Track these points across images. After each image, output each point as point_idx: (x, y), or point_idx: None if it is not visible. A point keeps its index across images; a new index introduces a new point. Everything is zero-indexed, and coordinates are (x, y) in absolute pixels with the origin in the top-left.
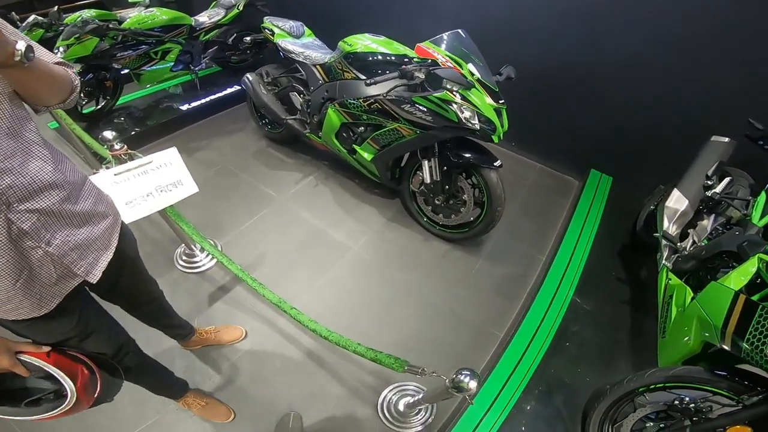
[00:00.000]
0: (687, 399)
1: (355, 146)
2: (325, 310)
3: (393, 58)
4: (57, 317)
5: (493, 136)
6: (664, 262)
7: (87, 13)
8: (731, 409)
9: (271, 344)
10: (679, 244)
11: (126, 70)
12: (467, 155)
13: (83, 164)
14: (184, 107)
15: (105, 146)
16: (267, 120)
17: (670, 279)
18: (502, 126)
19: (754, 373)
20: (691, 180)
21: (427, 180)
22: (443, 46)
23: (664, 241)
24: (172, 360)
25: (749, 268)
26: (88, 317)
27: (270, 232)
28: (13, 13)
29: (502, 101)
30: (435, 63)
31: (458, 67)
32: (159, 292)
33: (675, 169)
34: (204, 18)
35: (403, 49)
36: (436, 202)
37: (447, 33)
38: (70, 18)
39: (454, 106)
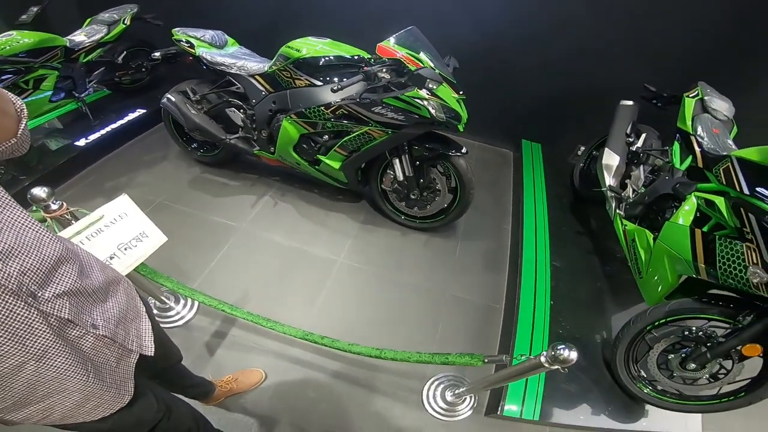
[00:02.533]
0: (693, 328)
1: (319, 156)
2: (334, 328)
3: (348, 60)
4: (138, 402)
5: (458, 126)
6: (616, 211)
7: None
8: (730, 330)
9: (295, 376)
10: (623, 193)
11: None
12: (437, 147)
13: None
14: (81, 143)
15: (36, 208)
16: (198, 143)
17: (626, 225)
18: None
19: (731, 296)
20: (615, 138)
21: (400, 177)
22: (403, 44)
23: (610, 194)
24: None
25: (690, 205)
26: (157, 392)
27: (244, 265)
28: None
29: (462, 92)
30: (398, 62)
31: (420, 63)
32: (179, 350)
33: (589, 129)
34: (81, 37)
35: (354, 50)
36: (412, 196)
37: (403, 31)
38: None
39: (425, 102)
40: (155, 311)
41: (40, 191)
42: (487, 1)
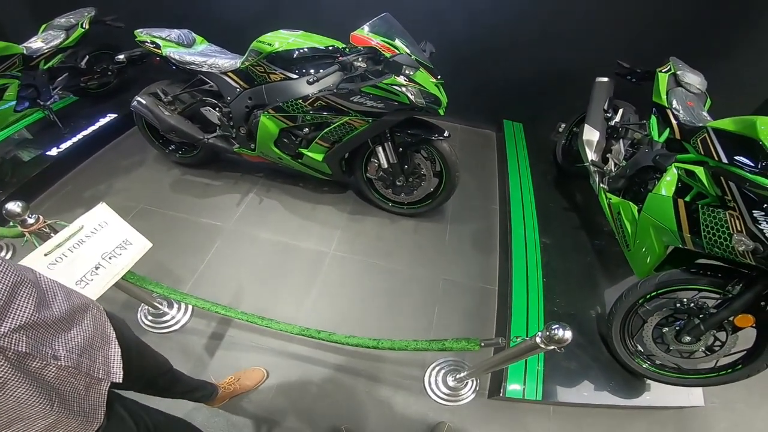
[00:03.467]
0: (685, 300)
1: (301, 150)
2: (329, 321)
3: (322, 51)
4: (112, 428)
5: (439, 110)
6: (600, 185)
7: None
8: (720, 300)
9: (297, 372)
10: (605, 167)
11: None
12: (419, 132)
13: None
14: (53, 152)
15: (13, 224)
16: (176, 145)
17: (611, 199)
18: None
19: (719, 266)
20: (594, 115)
21: (385, 165)
22: (377, 32)
23: (592, 168)
24: (208, 423)
25: (671, 175)
26: (139, 413)
27: (234, 265)
28: None
29: (439, 76)
30: (373, 50)
31: (395, 50)
32: (166, 359)
33: (568, 107)
34: (38, 44)
35: (328, 41)
36: (398, 183)
37: (377, 18)
38: None
39: (403, 89)
40: (149, 318)
41: (14, 206)
42: None
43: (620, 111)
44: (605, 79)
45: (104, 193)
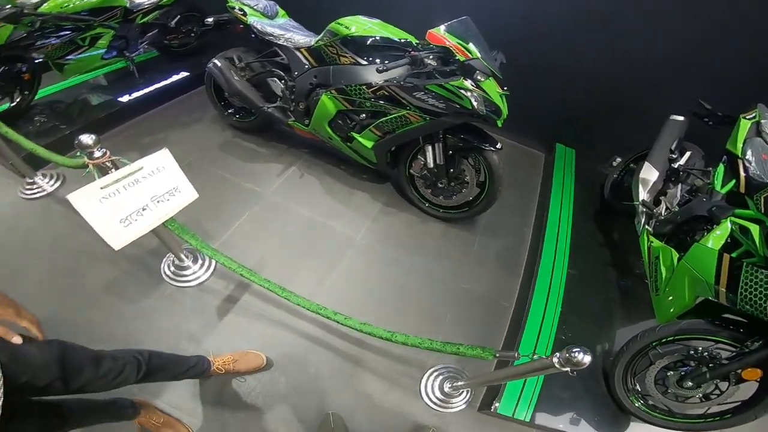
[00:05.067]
0: (699, 348)
1: (353, 134)
2: (344, 305)
3: (394, 43)
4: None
5: (498, 121)
6: (644, 226)
7: None
8: (735, 353)
9: (298, 350)
10: (655, 209)
11: (44, 60)
12: (472, 139)
13: (7, 176)
14: (124, 99)
15: (80, 154)
16: (235, 108)
17: (652, 242)
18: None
19: (743, 322)
20: (658, 153)
21: (431, 164)
22: (453, 33)
23: (641, 208)
24: (195, 392)
25: (723, 230)
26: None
27: (264, 231)
28: None
29: (506, 88)
30: (446, 50)
31: (468, 54)
32: (130, 370)
33: (627, 141)
34: None
35: (402, 34)
36: (440, 185)
37: (456, 20)
38: None
39: (468, 93)
40: (172, 269)
41: (87, 138)
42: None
43: (687, 154)
44: (680, 118)
45: (160, 141)
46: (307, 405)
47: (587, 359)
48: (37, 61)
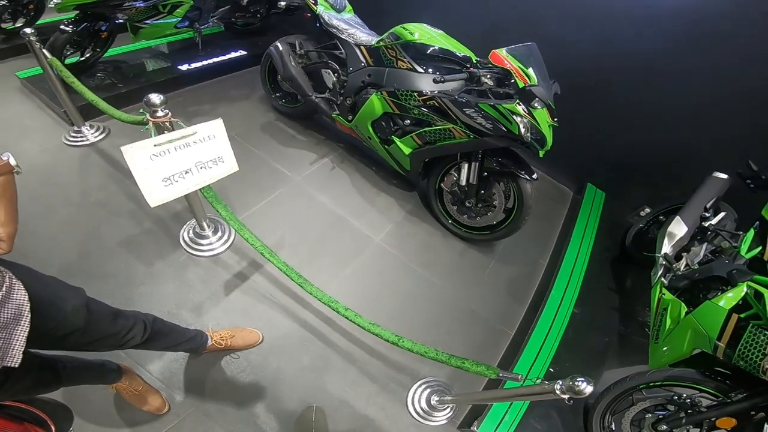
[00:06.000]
0: (684, 395)
1: (394, 137)
2: (352, 302)
3: (454, 56)
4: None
5: (540, 151)
6: (660, 279)
7: None
8: (716, 402)
9: (297, 339)
10: (674, 264)
11: (122, 22)
12: (509, 164)
13: (56, 122)
14: (183, 67)
15: (142, 111)
16: (282, 92)
17: (664, 294)
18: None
19: (731, 375)
20: (692, 209)
21: (463, 182)
22: (516, 57)
23: (661, 261)
24: (185, 369)
25: (738, 292)
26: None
27: (287, 216)
28: None
29: (556, 119)
30: (506, 72)
31: (527, 79)
32: (137, 331)
33: (661, 192)
34: None
35: (463, 49)
36: (467, 204)
37: (521, 45)
38: None
39: (518, 118)
40: (190, 236)
41: (155, 97)
42: (597, 33)
43: (721, 215)
44: (723, 176)
45: (207, 112)
46: (292, 394)
47: (589, 389)
48: (117, 21)
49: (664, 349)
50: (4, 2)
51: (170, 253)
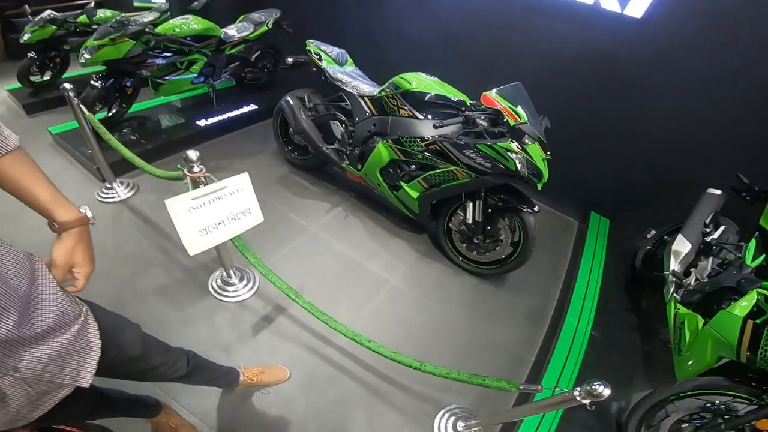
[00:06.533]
0: (717, 402)
1: (401, 183)
2: (371, 338)
3: (449, 101)
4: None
5: (538, 184)
6: (673, 295)
7: (107, 13)
8: (753, 407)
9: (323, 375)
10: (684, 280)
11: (145, 77)
12: (511, 199)
13: (88, 178)
14: (201, 123)
15: (180, 166)
16: (294, 145)
17: (679, 309)
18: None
19: (761, 378)
20: (692, 226)
21: (470, 220)
22: (504, 97)
23: (671, 278)
24: (216, 405)
25: (750, 299)
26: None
27: (306, 263)
28: (26, 6)
29: (549, 152)
30: (497, 112)
31: (517, 117)
32: (182, 363)
33: (664, 214)
34: (232, 31)
35: (457, 93)
36: (475, 240)
37: (509, 85)
38: (98, 17)
39: (514, 155)
40: (218, 283)
41: (192, 153)
42: (588, 65)
43: (721, 228)
44: (717, 192)
45: (226, 167)
46: (321, 427)
47: (607, 392)
48: (141, 76)
49: (689, 361)
50: (32, 55)
51: (200, 299)
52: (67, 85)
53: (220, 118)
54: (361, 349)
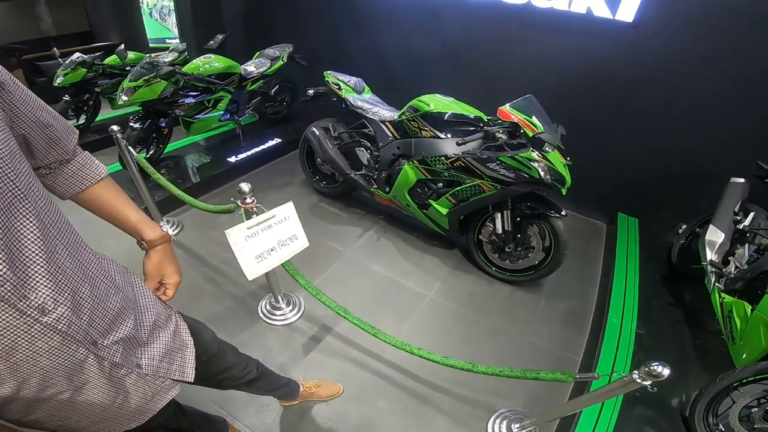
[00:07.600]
0: None
1: (430, 201)
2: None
3: (467, 118)
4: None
5: (562, 189)
6: (715, 285)
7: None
8: None
9: (372, 387)
10: (724, 269)
11: (177, 117)
12: (538, 206)
13: None
14: (232, 159)
15: (233, 199)
16: (321, 175)
17: (724, 298)
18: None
19: None
20: (722, 216)
21: (499, 230)
22: (519, 109)
23: (710, 268)
24: (275, 417)
25: None
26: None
27: (345, 285)
28: (55, 49)
29: (568, 158)
30: (514, 124)
31: (534, 128)
32: (252, 365)
33: (691, 208)
34: (251, 68)
35: (474, 111)
36: (507, 249)
37: (521, 98)
38: (127, 59)
39: (536, 164)
40: (267, 308)
41: (245, 186)
42: (598, 69)
43: (751, 215)
44: (740, 180)
45: (261, 200)
46: None
47: (666, 372)
48: (174, 116)
49: (745, 348)
50: (67, 98)
51: (251, 324)
52: (115, 127)
53: (248, 153)
54: (408, 360)
